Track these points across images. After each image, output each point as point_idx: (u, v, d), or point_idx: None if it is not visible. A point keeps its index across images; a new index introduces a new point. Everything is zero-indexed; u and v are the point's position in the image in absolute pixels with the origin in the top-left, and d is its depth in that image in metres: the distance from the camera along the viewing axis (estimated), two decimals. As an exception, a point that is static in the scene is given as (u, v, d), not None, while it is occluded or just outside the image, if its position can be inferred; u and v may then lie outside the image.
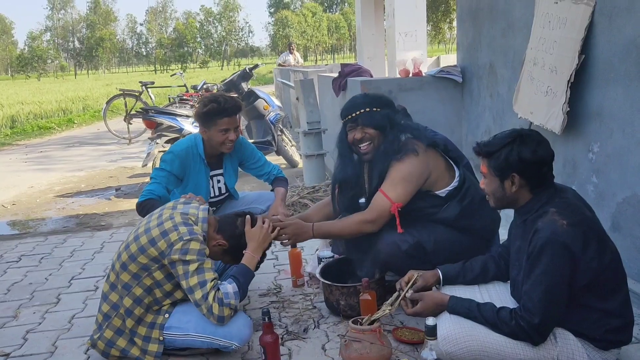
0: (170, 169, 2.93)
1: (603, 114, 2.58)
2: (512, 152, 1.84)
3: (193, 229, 2.25)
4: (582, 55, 2.65)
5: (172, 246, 2.19)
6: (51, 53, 66.54)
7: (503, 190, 1.90)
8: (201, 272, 2.19)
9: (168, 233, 2.22)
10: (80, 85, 31.73)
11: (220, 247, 2.40)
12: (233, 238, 2.40)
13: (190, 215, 2.31)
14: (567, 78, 2.71)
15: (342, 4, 67.34)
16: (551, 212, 1.79)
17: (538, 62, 3.04)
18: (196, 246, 2.20)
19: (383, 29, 12.07)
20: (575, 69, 2.67)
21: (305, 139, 5.01)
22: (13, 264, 3.77)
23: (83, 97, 19.94)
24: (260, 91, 7.05)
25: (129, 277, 2.26)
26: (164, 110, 6.38)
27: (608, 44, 2.52)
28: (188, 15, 77.36)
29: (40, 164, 8.80)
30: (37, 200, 6.29)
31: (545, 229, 1.75)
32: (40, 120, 14.73)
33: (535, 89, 3.05)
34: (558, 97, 2.79)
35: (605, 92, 2.55)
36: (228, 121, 2.90)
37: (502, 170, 1.87)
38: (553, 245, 1.72)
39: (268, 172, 3.24)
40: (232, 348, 2.27)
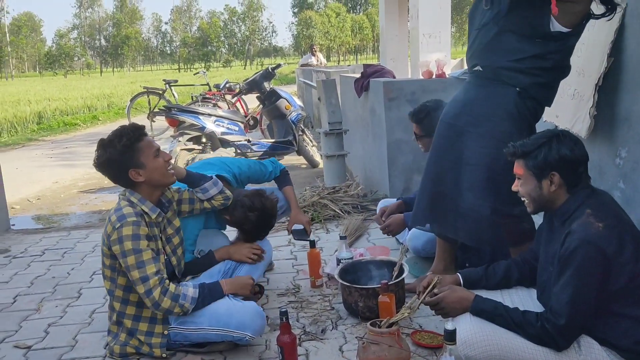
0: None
1: (632, 118, 2.52)
2: (552, 150, 1.83)
3: (123, 211, 2.18)
4: (612, 58, 2.59)
5: (109, 237, 2.17)
6: (78, 51, 67.69)
7: (540, 190, 1.88)
8: (141, 265, 2.14)
9: (106, 225, 2.22)
10: (106, 82, 32.20)
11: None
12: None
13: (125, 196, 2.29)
14: (595, 81, 2.65)
15: (366, 5, 67.19)
16: (587, 213, 1.76)
17: (565, 65, 2.98)
18: (128, 231, 2.14)
19: (407, 30, 12.00)
20: (603, 72, 2.61)
21: (326, 139, 5.00)
22: (37, 258, 3.84)
23: (108, 95, 20.24)
24: (282, 91, 7.06)
25: (108, 283, 2.31)
26: (186, 108, 6.43)
27: (639, 47, 2.46)
28: (212, 14, 78.02)
29: (65, 159, 8.95)
30: (61, 195, 6.39)
31: (579, 231, 1.72)
32: (66, 117, 15.00)
33: (562, 91, 2.98)
34: (585, 100, 2.73)
35: (635, 96, 2.49)
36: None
37: (541, 169, 1.85)
38: (586, 247, 1.69)
39: (270, 172, 3.13)
40: (247, 339, 2.27)
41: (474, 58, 2.45)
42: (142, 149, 2.23)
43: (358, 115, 5.43)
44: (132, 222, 2.16)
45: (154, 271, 2.16)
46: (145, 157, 2.24)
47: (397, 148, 4.36)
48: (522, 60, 2.31)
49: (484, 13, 2.40)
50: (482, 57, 2.40)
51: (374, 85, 4.63)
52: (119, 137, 2.20)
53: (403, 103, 4.30)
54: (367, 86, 4.84)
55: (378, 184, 4.73)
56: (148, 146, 2.26)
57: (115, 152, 2.18)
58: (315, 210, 4.22)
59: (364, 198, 4.49)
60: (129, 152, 2.20)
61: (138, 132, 2.25)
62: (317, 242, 3.62)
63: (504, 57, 2.33)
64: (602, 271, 1.69)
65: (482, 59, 2.40)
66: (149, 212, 2.27)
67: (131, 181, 2.25)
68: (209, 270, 2.65)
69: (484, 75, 2.41)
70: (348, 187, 4.65)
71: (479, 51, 2.41)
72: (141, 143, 2.24)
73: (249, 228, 2.66)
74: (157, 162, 2.27)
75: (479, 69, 2.42)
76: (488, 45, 2.37)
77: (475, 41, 2.45)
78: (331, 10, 61.76)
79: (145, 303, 2.19)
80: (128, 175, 2.23)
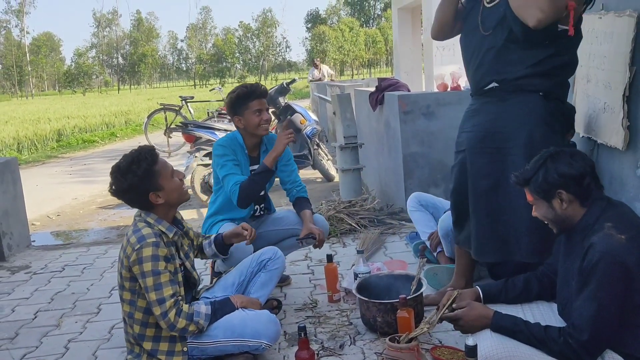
0: (228, 156, 3.00)
1: (653, 129, 2.49)
2: (549, 170, 1.84)
3: (142, 232, 2.19)
4: (634, 67, 2.56)
5: (129, 259, 2.17)
6: (96, 69, 68.85)
7: (554, 211, 1.87)
8: (159, 287, 2.16)
9: (125, 247, 2.22)
10: (123, 99, 32.67)
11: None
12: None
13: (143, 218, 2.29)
14: (621, 92, 2.63)
15: (379, 19, 67.52)
16: (607, 226, 1.74)
17: (591, 79, 2.97)
18: (148, 252, 2.15)
19: (420, 42, 12.03)
20: (628, 82, 2.59)
21: (342, 153, 5.01)
22: (57, 274, 3.88)
23: (125, 112, 20.53)
24: (297, 105, 7.11)
25: (127, 306, 2.29)
26: (202, 124, 6.50)
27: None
28: (227, 31, 78.86)
29: (84, 176, 9.08)
30: (80, 211, 6.47)
31: (600, 244, 1.70)
32: (85, 134, 15.24)
33: (593, 106, 2.97)
34: (616, 112, 2.70)
35: (655, 106, 2.46)
36: (259, 102, 3.00)
37: (545, 190, 1.85)
38: (608, 261, 1.66)
39: (293, 182, 3.19)
40: (263, 347, 2.29)
41: (486, 76, 2.43)
42: (160, 172, 2.26)
43: (373, 128, 5.43)
44: (152, 242, 2.18)
45: (171, 293, 2.18)
46: (163, 179, 2.26)
47: (412, 161, 4.35)
48: (539, 63, 2.32)
49: (483, 38, 2.41)
50: (497, 72, 2.39)
51: (389, 98, 4.63)
52: (137, 162, 2.21)
53: (418, 116, 4.29)
54: (382, 100, 4.85)
55: (394, 198, 4.71)
56: (164, 168, 2.28)
57: (136, 178, 2.20)
58: (331, 225, 4.21)
59: (380, 212, 4.48)
60: (148, 177, 2.22)
61: (154, 155, 2.27)
62: (334, 257, 3.61)
63: (520, 66, 2.33)
64: (624, 284, 1.67)
65: (498, 74, 2.39)
66: (166, 232, 2.29)
67: (150, 204, 2.27)
68: (224, 281, 2.66)
69: (503, 89, 2.39)
70: (364, 200, 4.64)
71: (491, 68, 2.40)
72: (157, 165, 2.26)
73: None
74: (174, 183, 2.30)
75: (494, 85, 2.41)
76: (500, 60, 2.37)
77: (482, 61, 2.44)
78: (344, 24, 62.10)
79: (161, 325, 2.20)
80: (148, 199, 2.25)
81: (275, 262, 2.68)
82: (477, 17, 2.48)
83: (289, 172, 3.20)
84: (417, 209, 3.48)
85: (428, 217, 3.43)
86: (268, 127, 3.05)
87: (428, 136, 4.32)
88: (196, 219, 5.58)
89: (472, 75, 2.53)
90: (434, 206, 3.47)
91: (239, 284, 2.63)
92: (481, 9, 2.46)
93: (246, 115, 3.01)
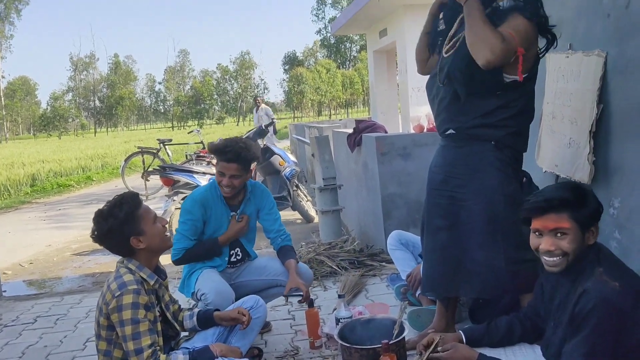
0: (192, 216, 2.96)
1: (624, 168, 2.55)
2: (598, 204, 1.79)
3: (123, 279, 2.16)
4: (601, 104, 2.64)
5: (108, 305, 2.13)
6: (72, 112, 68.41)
7: (582, 244, 1.79)
8: (137, 337, 2.10)
9: (105, 294, 2.18)
10: (100, 142, 32.44)
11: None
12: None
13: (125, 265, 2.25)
14: (588, 128, 2.70)
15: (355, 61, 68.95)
16: (599, 272, 1.73)
17: (557, 116, 3.05)
18: (128, 300, 2.11)
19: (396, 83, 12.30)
20: (595, 118, 2.66)
21: (321, 194, 5.01)
22: (29, 326, 3.74)
23: (102, 155, 20.36)
24: (275, 147, 7.15)
25: (102, 357, 2.23)
26: (180, 167, 6.47)
27: (624, 98, 2.51)
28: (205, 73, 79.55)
29: (59, 222, 8.89)
30: (54, 258, 6.31)
31: (594, 290, 1.68)
32: (60, 178, 15.00)
33: (558, 141, 3.04)
34: (582, 147, 2.77)
35: (625, 145, 2.53)
36: (222, 166, 2.95)
37: (590, 221, 1.78)
38: (603, 308, 1.65)
39: (277, 231, 3.16)
40: None
41: (443, 124, 2.51)
42: (142, 216, 2.24)
43: (351, 169, 5.47)
44: (133, 290, 2.13)
45: (149, 343, 2.12)
46: (145, 224, 2.24)
47: (391, 202, 4.37)
48: (488, 114, 2.38)
49: (439, 87, 2.49)
50: (452, 121, 2.46)
51: (367, 140, 4.69)
52: (119, 206, 2.20)
53: (395, 157, 4.34)
54: (360, 141, 4.90)
55: (374, 239, 4.70)
56: (147, 213, 2.27)
57: (117, 222, 2.18)
58: (312, 267, 4.15)
59: (361, 253, 4.46)
60: (130, 221, 2.20)
61: (137, 200, 2.26)
62: (315, 301, 3.57)
63: (471, 116, 2.40)
64: (618, 330, 1.66)
65: (452, 123, 2.46)
66: (147, 279, 2.25)
67: (131, 249, 2.24)
68: (203, 332, 2.60)
69: (459, 137, 2.46)
70: (344, 242, 4.63)
71: (447, 116, 2.48)
72: (140, 210, 2.24)
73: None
74: (156, 229, 2.28)
75: (451, 132, 2.47)
76: (453, 110, 2.43)
77: (440, 109, 2.51)
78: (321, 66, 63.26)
79: None
80: (129, 244, 2.22)
81: (257, 310, 2.64)
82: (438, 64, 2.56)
83: (272, 221, 3.17)
84: (398, 247, 3.48)
85: (409, 256, 3.43)
86: (229, 192, 2.99)
87: (405, 177, 4.36)
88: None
89: (435, 119, 2.62)
90: (414, 245, 3.48)
91: (220, 333, 2.56)
92: (440, 58, 2.55)
93: (216, 169, 3.03)
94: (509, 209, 2.33)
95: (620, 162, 2.57)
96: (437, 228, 2.53)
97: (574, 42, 2.88)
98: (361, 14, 10.16)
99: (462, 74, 2.31)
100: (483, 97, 2.37)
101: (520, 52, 2.21)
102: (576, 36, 2.85)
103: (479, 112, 2.38)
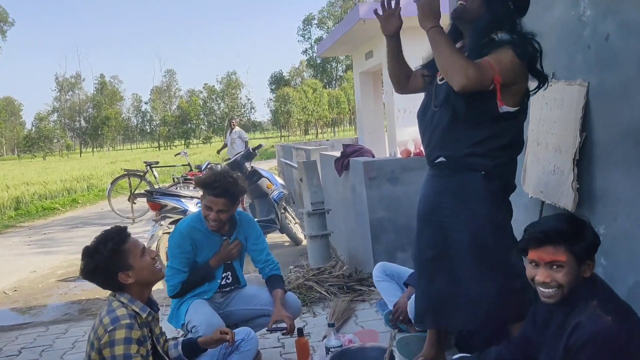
0: (182, 249, 2.96)
1: (607, 195, 2.59)
2: (594, 232, 1.81)
3: (116, 313, 2.15)
4: (584, 133, 2.69)
5: (100, 340, 2.10)
6: (57, 133, 67.94)
7: (578, 276, 1.81)
8: None
9: (97, 328, 2.16)
10: (85, 163, 32.21)
11: None
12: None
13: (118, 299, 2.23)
14: (572, 156, 2.74)
15: (342, 80, 69.52)
16: (592, 305, 1.74)
17: (541, 143, 3.10)
18: (121, 334, 2.09)
19: (382, 104, 12.40)
20: (578, 146, 2.71)
21: (309, 219, 5.02)
22: (13, 358, 3.67)
23: (87, 176, 20.18)
24: (263, 170, 7.15)
25: None
26: (168, 192, 6.44)
27: (606, 126, 2.56)
28: (192, 93, 79.55)
29: (43, 246, 8.78)
30: (39, 285, 6.22)
31: (588, 324, 1.70)
32: (45, 201, 14.83)
33: (542, 168, 3.09)
34: (566, 175, 2.81)
35: (608, 173, 2.58)
36: (210, 200, 2.94)
37: (587, 253, 1.80)
38: (597, 343, 1.67)
39: (265, 261, 3.16)
40: None
41: (435, 151, 2.51)
42: (129, 251, 2.23)
43: (339, 193, 5.49)
44: (126, 324, 2.11)
45: None
46: (133, 258, 2.23)
47: (379, 226, 4.39)
48: (479, 143, 2.40)
49: (434, 113, 2.51)
50: (443, 148, 2.47)
51: (354, 165, 4.72)
52: (104, 242, 2.19)
53: (383, 182, 4.37)
54: (348, 165, 4.93)
55: (363, 263, 4.71)
56: (134, 246, 2.25)
57: (102, 258, 2.17)
58: (301, 293, 4.16)
59: (350, 278, 4.46)
60: (116, 256, 2.19)
61: (123, 235, 2.25)
62: (305, 327, 3.55)
63: (463, 145, 2.42)
64: None
65: (444, 150, 2.47)
66: (140, 312, 2.23)
67: (121, 284, 2.22)
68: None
69: (449, 166, 2.47)
70: (333, 267, 4.62)
71: (438, 144, 2.49)
72: (127, 245, 2.23)
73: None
74: (144, 261, 2.26)
75: (442, 160, 2.49)
76: (446, 137, 2.45)
77: (432, 136, 2.52)
78: (308, 86, 63.63)
79: None
80: (118, 280, 2.21)
81: (249, 343, 2.63)
82: (431, 92, 2.59)
83: (259, 251, 3.17)
84: (383, 279, 3.48)
85: (394, 287, 3.43)
86: (215, 226, 2.99)
87: (394, 201, 4.39)
88: (162, 289, 5.42)
89: (425, 148, 2.63)
90: (399, 275, 3.48)
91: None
92: (434, 85, 2.58)
93: (203, 202, 3.01)
94: (499, 239, 2.35)
95: (604, 189, 2.61)
96: (427, 259, 2.54)
97: (556, 70, 2.94)
98: (347, 36, 10.27)
99: (463, 98, 2.33)
100: (476, 126, 2.39)
101: (496, 81, 2.24)
102: (559, 65, 2.91)
103: (471, 141, 2.40)
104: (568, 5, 2.78)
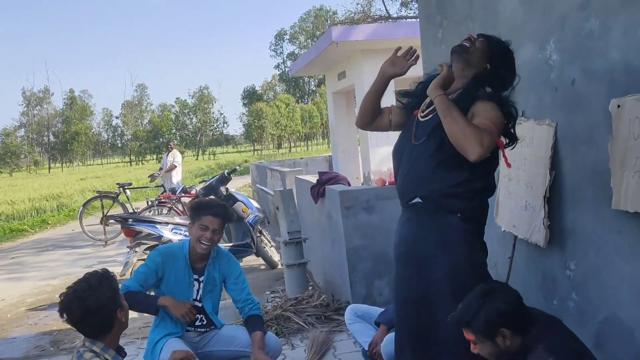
0: (150, 264, 3.01)
1: (577, 232, 2.68)
2: (489, 311, 1.90)
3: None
4: (553, 171, 2.78)
5: None
6: (25, 148, 66.40)
7: (499, 348, 1.92)
8: None
9: None
10: (55, 180, 31.53)
11: None
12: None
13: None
14: (542, 193, 2.83)
15: (314, 95, 69.88)
16: (538, 348, 1.82)
17: (513, 178, 3.18)
18: None
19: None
20: (548, 185, 2.80)
21: (286, 248, 5.03)
22: (-17, 400, 3.58)
23: (57, 194, 19.75)
24: (238, 194, 7.14)
25: None
26: (142, 218, 6.38)
27: (574, 166, 2.65)
28: (163, 107, 78.84)
29: (12, 272, 8.55)
30: (8, 315, 6.06)
31: None
32: (13, 222, 14.45)
33: (515, 203, 3.16)
34: (537, 211, 2.89)
35: (578, 211, 2.66)
36: (210, 220, 3.00)
37: (489, 331, 1.91)
38: None
39: (245, 300, 3.16)
40: None
41: (409, 190, 2.52)
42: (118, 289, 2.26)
43: (315, 219, 5.52)
44: None
45: None
46: (121, 297, 2.25)
47: (356, 254, 4.43)
48: (457, 185, 2.43)
49: (412, 148, 2.53)
50: (420, 188, 2.48)
51: (330, 193, 4.76)
52: (99, 281, 2.18)
53: (360, 211, 4.42)
54: (324, 193, 4.97)
55: (340, 291, 4.74)
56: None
57: (105, 298, 2.15)
58: (278, 324, 4.17)
59: (327, 308, 4.48)
60: (116, 294, 2.20)
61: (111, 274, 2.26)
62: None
63: (441, 185, 2.44)
64: None
65: (420, 190, 2.48)
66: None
67: (111, 326, 2.20)
68: None
69: (425, 207, 2.48)
70: (310, 296, 4.64)
71: (415, 183, 2.50)
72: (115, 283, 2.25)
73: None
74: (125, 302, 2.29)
75: (418, 202, 2.50)
76: (424, 176, 2.46)
77: (408, 174, 2.53)
78: (280, 101, 63.81)
79: None
80: (115, 318, 2.20)
81: None
82: (411, 129, 2.63)
83: (239, 290, 3.16)
84: (355, 320, 3.49)
85: (367, 327, 3.44)
86: (206, 248, 3.02)
87: (370, 229, 4.44)
88: (136, 318, 5.35)
89: (399, 187, 2.61)
90: (370, 315, 3.49)
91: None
92: (416, 122, 2.62)
93: (195, 226, 3.03)
94: (480, 279, 2.40)
95: (574, 226, 2.70)
96: (405, 300, 2.55)
97: (526, 109, 3.03)
98: (320, 58, 10.39)
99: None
100: (453, 168, 2.42)
101: (500, 144, 2.35)
102: (528, 105, 3.00)
103: (448, 182, 2.42)
104: (535, 48, 2.88)
